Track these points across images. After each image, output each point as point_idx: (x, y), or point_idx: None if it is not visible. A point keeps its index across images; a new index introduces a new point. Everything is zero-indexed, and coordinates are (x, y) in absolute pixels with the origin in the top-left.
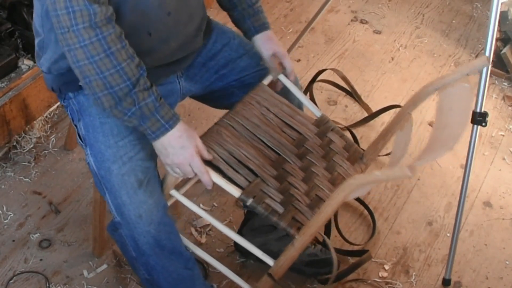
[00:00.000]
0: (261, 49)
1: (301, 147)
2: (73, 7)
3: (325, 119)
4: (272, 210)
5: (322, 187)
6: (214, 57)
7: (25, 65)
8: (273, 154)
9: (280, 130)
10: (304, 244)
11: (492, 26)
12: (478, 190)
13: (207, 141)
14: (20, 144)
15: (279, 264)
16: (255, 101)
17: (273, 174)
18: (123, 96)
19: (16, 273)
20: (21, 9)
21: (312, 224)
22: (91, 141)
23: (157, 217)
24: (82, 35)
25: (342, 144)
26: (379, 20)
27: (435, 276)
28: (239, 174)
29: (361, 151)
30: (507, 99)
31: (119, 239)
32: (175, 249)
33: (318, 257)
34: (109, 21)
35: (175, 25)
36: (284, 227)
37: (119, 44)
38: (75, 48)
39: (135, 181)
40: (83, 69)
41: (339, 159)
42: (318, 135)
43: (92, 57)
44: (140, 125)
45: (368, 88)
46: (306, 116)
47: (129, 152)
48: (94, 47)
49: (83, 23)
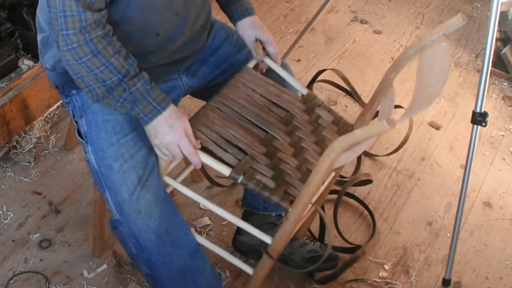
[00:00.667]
0: (243, 35)
1: (290, 124)
2: (65, 12)
3: (312, 95)
4: (263, 185)
5: (313, 160)
6: (214, 52)
7: (25, 65)
8: (261, 133)
9: (267, 109)
10: (298, 217)
11: (492, 26)
12: (478, 190)
13: (195, 124)
14: (20, 144)
15: (276, 240)
16: (240, 83)
17: (263, 151)
18: (114, 86)
19: (16, 273)
20: (21, 9)
21: (303, 194)
22: (93, 138)
23: (157, 211)
24: (70, 39)
25: (330, 118)
26: (379, 20)
27: (435, 276)
28: (228, 154)
29: (350, 124)
30: (507, 99)
31: (119, 236)
32: (177, 242)
33: (318, 253)
34: (99, 24)
35: (182, 25)
36: (276, 201)
37: (105, 42)
38: (63, 50)
39: (136, 178)
40: (73, 67)
41: (328, 133)
42: (305, 111)
43: (80, 59)
44: (133, 109)
45: (368, 88)
46: (293, 93)
47: (131, 150)
48: (82, 50)
49: (73, 29)
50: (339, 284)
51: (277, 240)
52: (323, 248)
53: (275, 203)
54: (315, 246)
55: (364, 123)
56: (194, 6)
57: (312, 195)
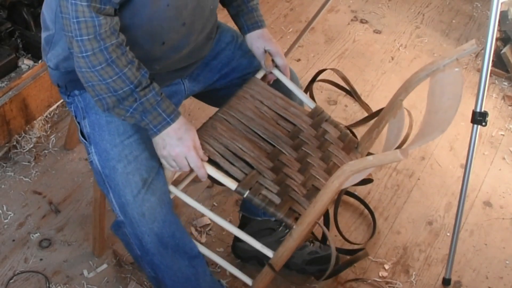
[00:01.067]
0: (252, 46)
1: (296, 138)
2: (79, 18)
3: (319, 110)
4: (269, 201)
5: (318, 177)
6: (217, 56)
7: (25, 65)
8: (268, 146)
9: (274, 123)
10: (302, 234)
11: (492, 26)
12: (478, 190)
13: (202, 136)
14: (20, 144)
15: (278, 255)
16: (248, 94)
17: (269, 166)
18: (125, 96)
19: (16, 272)
20: (21, 9)
21: (309, 213)
22: (96, 139)
23: (161, 215)
24: (85, 45)
25: (336, 134)
26: (379, 19)
27: (435, 276)
28: (235, 167)
29: (356, 141)
30: (507, 99)
31: (123, 237)
32: (179, 247)
33: (319, 254)
34: (113, 32)
35: (189, 34)
36: (281, 218)
37: (119, 51)
38: (77, 57)
39: (140, 180)
40: (85, 75)
41: (334, 149)
42: (312, 126)
43: (93, 67)
44: (142, 119)
45: (368, 87)
46: (300, 107)
47: (135, 151)
48: (96, 58)
49: (87, 34)
50: (339, 283)
51: (279, 255)
52: (323, 249)
53: (280, 220)
54: (315, 247)
55: (371, 141)
56: (202, 17)
57: (318, 214)
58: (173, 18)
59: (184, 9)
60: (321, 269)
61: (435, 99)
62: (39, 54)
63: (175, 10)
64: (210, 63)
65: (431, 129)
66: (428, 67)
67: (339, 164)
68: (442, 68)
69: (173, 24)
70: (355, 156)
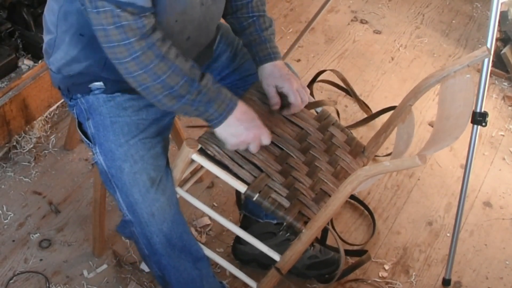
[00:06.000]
0: (262, 81)
1: (304, 141)
2: (121, 22)
3: (326, 113)
4: (278, 204)
5: (326, 181)
6: (219, 57)
7: (25, 65)
8: (276, 150)
9: (282, 126)
10: (311, 238)
11: (492, 26)
12: (478, 190)
13: (211, 138)
14: (20, 144)
15: (286, 258)
16: (256, 97)
17: (278, 169)
18: (184, 91)
19: (16, 273)
20: (21, 9)
21: (320, 218)
22: (101, 140)
23: (170, 215)
24: (134, 47)
25: (343, 138)
26: (379, 20)
27: (435, 276)
28: (244, 170)
29: (363, 145)
30: (507, 99)
31: (131, 236)
32: (185, 248)
33: (319, 258)
34: (154, 28)
35: (192, 47)
36: (290, 222)
37: (166, 45)
38: (127, 62)
39: (148, 180)
40: (137, 78)
41: (341, 153)
42: (319, 129)
43: (146, 66)
44: (206, 110)
45: (368, 88)
46: (307, 111)
47: (140, 151)
48: (146, 56)
49: (134, 36)
50: (339, 283)
51: (287, 258)
52: (323, 253)
53: (289, 223)
54: (315, 252)
55: (377, 145)
56: (206, 33)
57: (329, 219)
58: (177, 32)
59: (190, 24)
60: (321, 274)
61: (445, 105)
62: (39, 54)
63: (182, 25)
64: (212, 65)
65: (443, 135)
66: (438, 73)
67: (346, 168)
68: (452, 74)
69: (176, 37)
70: (362, 161)
